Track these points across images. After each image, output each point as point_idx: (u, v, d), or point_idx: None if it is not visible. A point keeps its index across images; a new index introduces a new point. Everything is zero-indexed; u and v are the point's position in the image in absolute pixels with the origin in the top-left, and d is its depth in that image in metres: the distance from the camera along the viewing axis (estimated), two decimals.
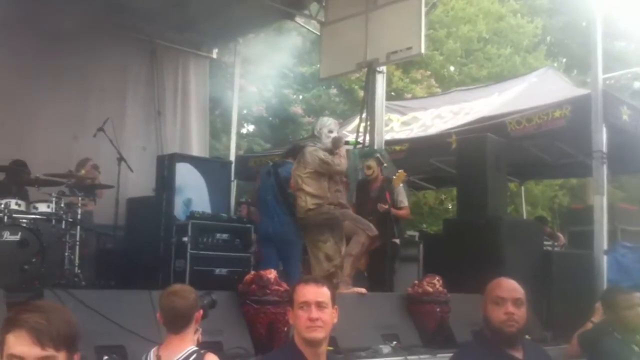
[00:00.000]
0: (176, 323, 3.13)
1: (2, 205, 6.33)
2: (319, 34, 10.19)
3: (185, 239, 7.26)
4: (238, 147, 11.68)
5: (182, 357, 3.08)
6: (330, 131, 6.00)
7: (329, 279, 5.19)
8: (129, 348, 3.81)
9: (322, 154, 5.86)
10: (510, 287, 2.97)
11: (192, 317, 3.18)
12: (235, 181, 10.16)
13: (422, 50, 8.38)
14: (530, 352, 2.98)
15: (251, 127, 17.59)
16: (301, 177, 5.92)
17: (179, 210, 7.76)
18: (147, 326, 3.95)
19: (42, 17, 8.54)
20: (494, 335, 2.92)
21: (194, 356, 3.08)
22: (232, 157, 11.02)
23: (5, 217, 6.31)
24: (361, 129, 8.93)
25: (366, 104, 9.00)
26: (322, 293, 2.73)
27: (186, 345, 3.14)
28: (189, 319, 3.16)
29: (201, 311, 3.29)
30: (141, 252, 7.98)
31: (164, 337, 3.46)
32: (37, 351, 1.74)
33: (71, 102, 9.73)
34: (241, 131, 14.64)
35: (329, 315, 2.71)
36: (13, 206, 6.44)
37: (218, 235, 7.49)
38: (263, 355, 3.80)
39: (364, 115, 9.02)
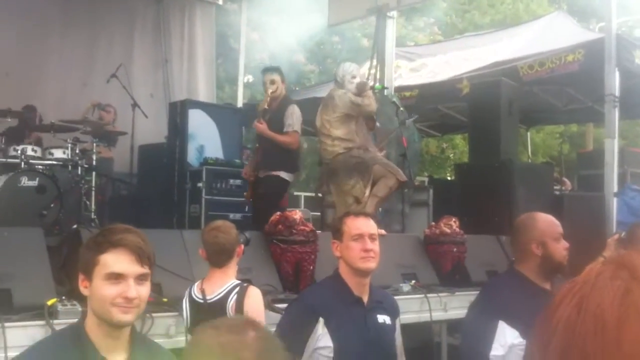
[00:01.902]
0: (220, 257, 3.20)
1: (19, 151, 6.34)
2: None
3: (200, 184, 7.35)
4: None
5: (226, 290, 3.16)
6: (354, 77, 5.91)
7: None
8: (165, 285, 3.88)
9: (352, 96, 5.80)
10: (558, 222, 2.92)
11: (234, 251, 3.25)
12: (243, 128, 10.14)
13: None
14: (556, 285, 3.06)
15: (250, 77, 17.42)
16: (330, 121, 5.84)
17: (192, 157, 7.82)
18: (180, 264, 4.05)
19: None
20: (551, 271, 2.86)
21: (237, 289, 3.16)
22: (240, 105, 10.98)
23: (22, 163, 6.32)
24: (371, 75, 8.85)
25: (376, 50, 8.91)
26: (373, 225, 2.81)
27: (229, 278, 3.22)
28: (232, 252, 3.23)
29: (242, 246, 3.36)
30: (155, 198, 8.06)
31: (197, 275, 3.54)
32: (137, 268, 1.84)
33: (80, 50, 9.74)
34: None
35: (378, 247, 2.79)
36: (29, 152, 6.44)
37: (231, 180, 7.56)
38: (308, 287, 3.88)
39: (374, 63, 8.92)
